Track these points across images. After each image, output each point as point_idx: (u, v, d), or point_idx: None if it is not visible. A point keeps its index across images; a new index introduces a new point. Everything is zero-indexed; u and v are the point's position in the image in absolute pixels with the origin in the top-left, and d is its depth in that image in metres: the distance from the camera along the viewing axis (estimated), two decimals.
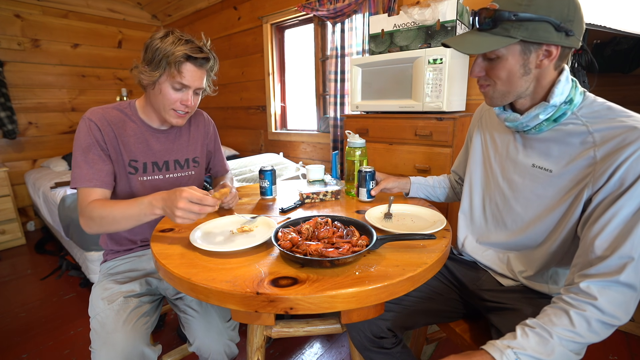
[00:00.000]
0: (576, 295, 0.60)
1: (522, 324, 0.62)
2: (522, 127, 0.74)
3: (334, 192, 1.16)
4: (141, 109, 1.02)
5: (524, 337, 0.59)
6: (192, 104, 0.97)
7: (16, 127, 2.82)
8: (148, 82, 0.92)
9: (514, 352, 0.58)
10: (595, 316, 0.58)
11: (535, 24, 0.62)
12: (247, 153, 3.26)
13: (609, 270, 0.59)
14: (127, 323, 0.85)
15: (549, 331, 0.58)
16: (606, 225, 0.61)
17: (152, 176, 1.04)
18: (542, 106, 0.69)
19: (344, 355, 1.44)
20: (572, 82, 0.69)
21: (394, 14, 1.86)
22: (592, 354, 1.38)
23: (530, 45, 0.65)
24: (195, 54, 0.89)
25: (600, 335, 0.59)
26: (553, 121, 0.70)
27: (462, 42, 0.71)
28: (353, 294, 0.60)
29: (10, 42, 2.81)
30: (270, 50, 2.81)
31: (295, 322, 0.84)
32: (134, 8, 3.52)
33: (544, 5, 0.61)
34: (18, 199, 2.95)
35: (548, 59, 0.66)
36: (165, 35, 0.89)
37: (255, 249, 0.77)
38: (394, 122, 1.65)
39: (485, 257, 0.90)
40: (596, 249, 0.61)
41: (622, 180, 0.60)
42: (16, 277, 2.19)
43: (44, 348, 1.52)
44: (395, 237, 0.76)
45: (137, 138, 1.00)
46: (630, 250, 0.58)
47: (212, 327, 0.97)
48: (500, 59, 0.68)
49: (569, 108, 0.69)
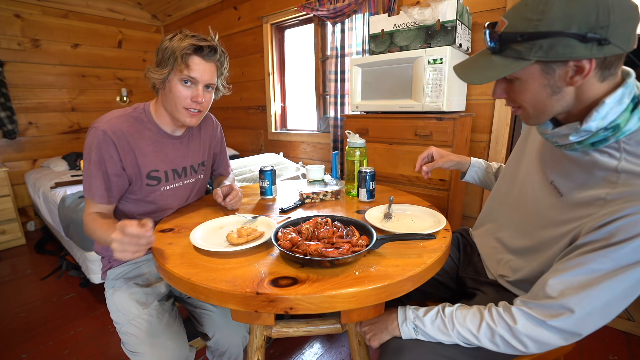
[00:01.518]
0: (502, 311, 0.63)
1: (442, 306, 0.69)
2: (552, 141, 0.65)
3: (334, 192, 1.16)
4: (155, 113, 0.99)
5: (431, 319, 0.68)
6: (203, 100, 0.93)
7: (16, 127, 2.82)
8: (158, 80, 0.90)
9: (415, 324, 0.69)
10: (503, 334, 0.61)
11: (552, 40, 0.52)
12: (247, 153, 3.26)
13: (546, 312, 0.58)
14: (170, 326, 0.88)
15: (454, 324, 0.65)
16: (569, 269, 0.56)
17: (173, 184, 1.03)
18: (573, 127, 0.59)
19: (344, 355, 1.44)
20: (630, 102, 0.55)
21: (394, 14, 1.86)
22: (592, 354, 1.38)
23: (551, 63, 0.55)
24: (200, 42, 0.87)
25: (499, 349, 0.63)
26: (590, 145, 0.59)
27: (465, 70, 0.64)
28: (353, 294, 0.60)
29: (10, 42, 2.81)
30: (270, 50, 2.81)
31: (295, 322, 0.84)
32: (134, 8, 3.52)
33: (560, 17, 0.51)
34: (18, 199, 2.95)
35: (580, 75, 0.54)
36: (173, 35, 0.90)
37: (255, 249, 0.77)
38: (394, 122, 1.65)
39: (485, 247, 0.91)
40: (547, 287, 0.58)
41: (611, 234, 0.52)
42: (16, 277, 2.19)
43: (44, 348, 1.52)
44: (395, 237, 0.76)
45: (155, 146, 0.98)
46: (575, 304, 0.55)
47: (230, 321, 1.00)
48: (519, 80, 0.60)
49: (612, 135, 0.56)
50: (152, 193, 0.99)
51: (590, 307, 0.54)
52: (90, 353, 1.48)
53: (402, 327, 0.70)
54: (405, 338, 0.70)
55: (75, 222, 1.82)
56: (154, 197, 1.00)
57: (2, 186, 2.60)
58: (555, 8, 0.52)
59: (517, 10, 0.57)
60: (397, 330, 0.71)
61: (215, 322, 0.99)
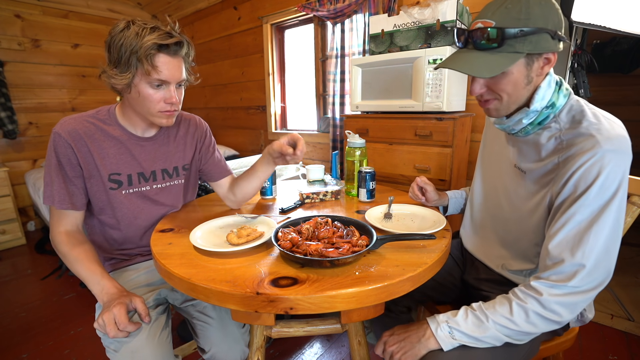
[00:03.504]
0: (525, 289, 0.65)
1: (468, 307, 0.68)
2: (509, 130, 0.75)
3: (334, 192, 1.16)
4: (121, 115, 0.92)
5: (463, 317, 0.67)
6: (177, 100, 0.87)
7: (16, 127, 2.82)
8: (121, 86, 0.81)
9: (449, 326, 0.66)
10: (535, 309, 0.63)
11: (538, 36, 0.63)
12: (247, 153, 3.26)
13: (561, 277, 0.63)
14: (151, 338, 0.81)
15: (487, 315, 0.65)
16: (559, 230, 0.63)
17: (138, 188, 0.96)
18: (523, 112, 0.70)
19: (344, 355, 1.44)
20: (555, 85, 0.69)
21: (394, 14, 1.86)
22: (592, 354, 1.38)
23: (533, 56, 0.65)
24: (166, 40, 0.77)
25: (538, 327, 0.64)
26: (537, 124, 0.71)
27: (470, 66, 0.68)
28: (353, 294, 0.60)
29: (10, 42, 2.81)
30: (270, 50, 2.81)
31: (295, 322, 0.84)
32: (134, 8, 3.52)
33: (541, 16, 0.62)
34: (18, 199, 2.95)
35: (548, 65, 0.67)
36: (126, 27, 0.77)
37: (255, 249, 0.77)
38: (394, 122, 1.65)
39: (478, 248, 0.94)
40: (550, 254, 0.64)
41: (575, 186, 0.62)
42: (16, 277, 2.19)
43: (44, 348, 1.52)
44: (395, 237, 0.76)
45: (118, 149, 0.91)
46: (581, 258, 0.60)
47: (229, 335, 0.94)
48: (505, 74, 0.67)
49: (552, 112, 0.69)
50: (115, 198, 0.93)
51: (594, 254, 0.60)
52: (90, 353, 1.48)
53: (437, 333, 0.67)
54: (444, 344, 0.66)
55: None
56: (117, 202, 0.93)
57: (2, 186, 2.60)
58: (535, 9, 0.62)
59: (502, 12, 0.65)
60: (432, 339, 0.67)
61: (211, 336, 0.94)
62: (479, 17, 0.68)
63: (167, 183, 1.01)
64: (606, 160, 0.58)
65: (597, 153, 0.59)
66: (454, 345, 0.66)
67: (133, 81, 0.80)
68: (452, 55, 0.73)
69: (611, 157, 0.58)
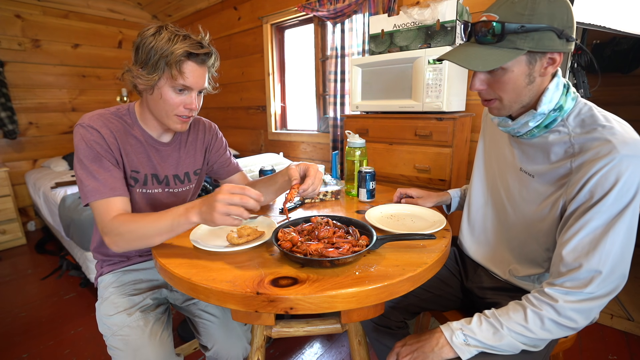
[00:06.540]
0: (539, 295, 0.64)
1: (480, 314, 0.67)
2: (514, 132, 0.74)
3: (334, 192, 1.16)
4: (140, 115, 0.93)
5: (477, 324, 0.65)
6: (196, 106, 0.88)
7: (17, 127, 2.83)
8: (145, 86, 0.82)
9: (464, 334, 0.65)
10: (550, 316, 0.61)
11: (541, 34, 0.61)
12: (247, 153, 3.27)
13: (576, 283, 0.61)
14: (152, 337, 0.83)
15: (501, 322, 0.64)
16: (574, 235, 0.62)
17: (151, 189, 0.95)
18: (530, 114, 0.69)
19: (344, 355, 1.44)
20: (563, 87, 0.68)
21: (394, 14, 1.86)
22: (591, 354, 1.38)
23: (535, 54, 0.64)
24: (196, 49, 0.80)
25: (553, 334, 0.63)
26: (544, 127, 0.70)
27: (466, 58, 0.67)
28: (353, 294, 0.60)
29: (10, 42, 2.81)
30: (270, 50, 2.81)
31: (295, 322, 0.84)
32: (134, 8, 3.52)
33: (547, 14, 0.60)
34: (18, 199, 2.95)
35: (552, 66, 0.65)
36: (157, 31, 0.79)
37: (255, 249, 0.77)
38: (394, 122, 1.65)
39: (480, 254, 0.92)
40: (565, 260, 0.62)
41: (591, 193, 0.60)
42: (16, 277, 2.20)
43: (44, 348, 1.52)
44: (395, 237, 0.76)
45: (138, 148, 0.91)
46: (597, 264, 0.59)
47: (232, 332, 0.95)
48: (505, 70, 0.66)
49: (559, 115, 0.68)
50: (131, 195, 0.91)
51: (610, 260, 0.59)
52: (90, 353, 1.48)
53: (452, 341, 0.65)
54: (461, 353, 0.64)
55: (76, 222, 1.82)
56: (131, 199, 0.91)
57: (2, 186, 2.60)
58: (542, 6, 0.60)
59: (507, 7, 0.63)
60: (447, 348, 0.65)
61: (214, 333, 0.95)
62: (486, 10, 0.67)
63: (178, 189, 1.01)
64: (624, 165, 0.57)
65: (615, 158, 0.57)
66: (472, 353, 0.64)
67: (157, 83, 0.82)
68: (453, 49, 0.72)
69: (629, 163, 0.57)
